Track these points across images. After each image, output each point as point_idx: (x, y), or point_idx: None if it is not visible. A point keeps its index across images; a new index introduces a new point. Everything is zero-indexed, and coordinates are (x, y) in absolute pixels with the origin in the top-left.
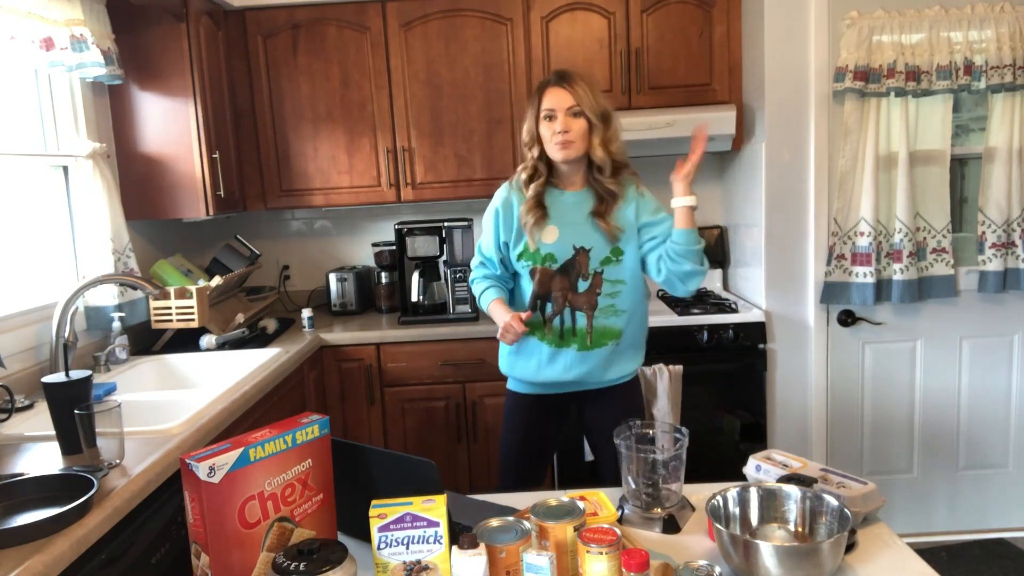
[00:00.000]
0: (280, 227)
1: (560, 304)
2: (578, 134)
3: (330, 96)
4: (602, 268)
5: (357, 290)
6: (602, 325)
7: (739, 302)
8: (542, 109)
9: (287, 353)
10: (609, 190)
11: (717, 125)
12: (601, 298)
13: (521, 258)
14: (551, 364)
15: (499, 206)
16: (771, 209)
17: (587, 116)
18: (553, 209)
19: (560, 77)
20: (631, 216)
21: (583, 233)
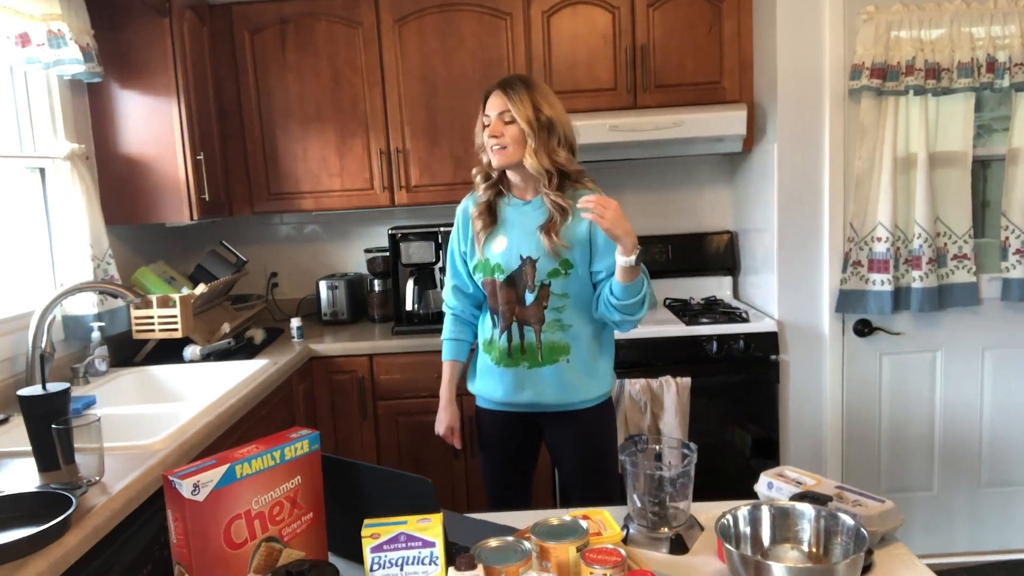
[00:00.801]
0: (268, 232)
1: (507, 319)
2: (511, 140)
3: (320, 94)
4: (549, 280)
5: (349, 298)
6: (551, 340)
7: (750, 311)
8: (483, 114)
9: (275, 365)
10: (557, 204)
11: (727, 125)
12: (547, 311)
13: (476, 270)
14: (503, 384)
15: (459, 215)
16: (784, 213)
17: (519, 123)
18: (503, 217)
19: (501, 84)
20: (583, 231)
21: (531, 242)
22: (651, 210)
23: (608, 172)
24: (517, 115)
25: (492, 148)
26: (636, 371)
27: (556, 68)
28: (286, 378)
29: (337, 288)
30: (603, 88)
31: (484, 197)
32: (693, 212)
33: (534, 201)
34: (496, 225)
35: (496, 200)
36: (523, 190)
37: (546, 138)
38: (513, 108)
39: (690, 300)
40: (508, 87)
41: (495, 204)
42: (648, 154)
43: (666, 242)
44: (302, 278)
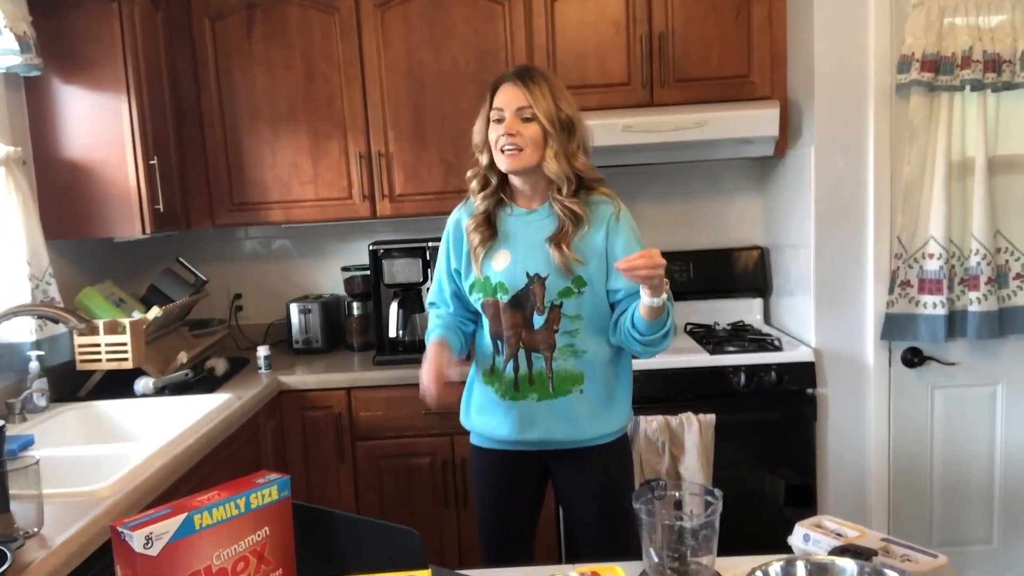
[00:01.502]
0: (231, 248)
1: (513, 345)
2: (529, 141)
3: (292, 90)
4: (560, 300)
5: (323, 324)
6: (563, 368)
7: (783, 338)
8: (492, 109)
9: (239, 400)
10: (571, 211)
11: (757, 125)
12: (559, 336)
13: (473, 290)
14: (508, 420)
15: (450, 227)
16: (822, 226)
17: (541, 121)
18: (505, 229)
19: (517, 73)
20: (599, 242)
21: (538, 258)
22: (670, 222)
23: (620, 179)
24: (539, 111)
25: (504, 149)
26: (652, 407)
27: (561, 60)
28: (252, 415)
29: (310, 312)
30: (615, 83)
31: (482, 206)
32: (718, 225)
33: (540, 210)
34: (496, 239)
35: (495, 210)
36: (529, 197)
37: (565, 139)
38: (535, 103)
39: (714, 325)
40: (527, 78)
41: (494, 214)
42: (667, 158)
43: (687, 259)
44: (270, 300)
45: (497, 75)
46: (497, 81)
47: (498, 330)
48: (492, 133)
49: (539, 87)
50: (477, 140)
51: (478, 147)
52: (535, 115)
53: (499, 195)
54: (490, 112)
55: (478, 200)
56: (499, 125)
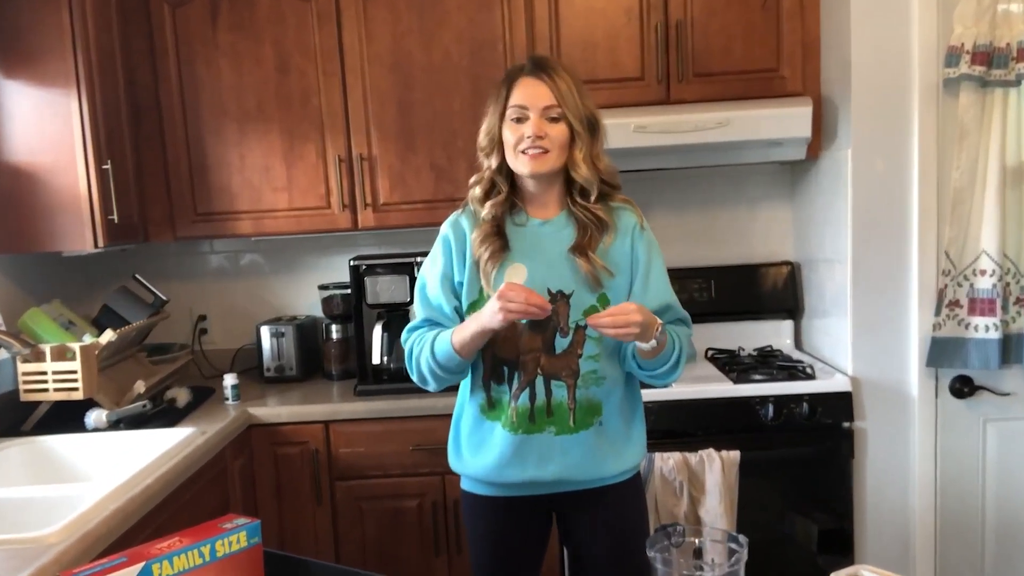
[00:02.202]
0: (194, 264)
1: (530, 372)
2: (556, 142)
3: (262, 86)
4: (585, 320)
5: (298, 349)
6: (585, 398)
7: (816, 365)
8: (510, 106)
9: (204, 434)
10: (596, 217)
11: (787, 125)
12: (583, 361)
13: (475, 310)
14: (519, 458)
15: (449, 235)
16: (859, 239)
17: (570, 121)
18: (517, 241)
19: (538, 65)
20: (624, 254)
21: (561, 273)
22: (688, 235)
23: (633, 186)
24: (568, 110)
25: (528, 151)
26: (669, 442)
27: (566, 52)
28: (218, 451)
29: (283, 336)
30: (627, 78)
31: (491, 213)
32: (742, 238)
33: (557, 219)
34: (509, 251)
35: (504, 218)
36: (544, 205)
37: (591, 140)
38: (563, 101)
39: (739, 351)
40: (551, 71)
41: (503, 224)
42: (685, 163)
43: (708, 276)
44: (238, 323)
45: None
46: (512, 74)
47: (509, 355)
48: (510, 134)
49: (564, 82)
50: (485, 141)
51: (485, 149)
52: (563, 114)
53: (511, 201)
54: (505, 110)
55: (485, 208)
56: (520, 125)
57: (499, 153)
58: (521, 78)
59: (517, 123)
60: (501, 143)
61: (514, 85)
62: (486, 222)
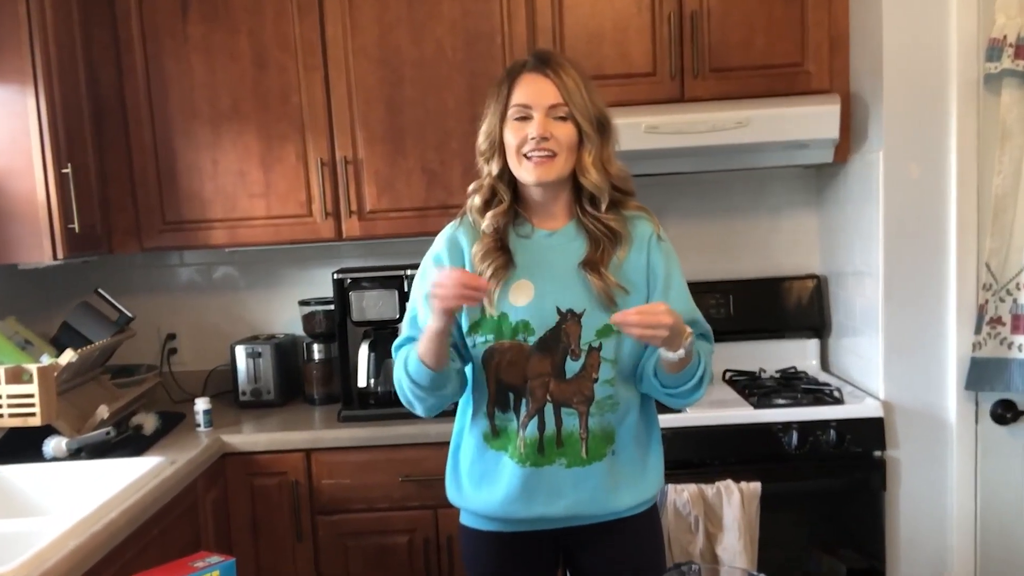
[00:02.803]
0: (163, 277)
1: (539, 399)
2: (563, 144)
3: (237, 82)
4: (599, 342)
5: (277, 371)
6: (599, 426)
7: (844, 388)
8: (511, 105)
9: (173, 464)
10: (608, 228)
11: (813, 125)
12: (598, 386)
13: (476, 331)
14: (526, 494)
15: (442, 250)
16: (892, 250)
17: (577, 121)
18: (522, 255)
19: (542, 60)
20: (639, 268)
21: (572, 288)
22: (705, 246)
23: (643, 192)
24: (576, 109)
25: (534, 156)
26: (683, 473)
27: (571, 45)
28: (189, 483)
29: (260, 356)
30: (637, 73)
31: (492, 225)
32: (764, 249)
33: (565, 230)
34: (513, 267)
35: (506, 231)
36: (550, 215)
37: (603, 144)
38: (570, 99)
39: (760, 373)
40: (556, 66)
41: (506, 236)
42: (701, 167)
43: (726, 291)
44: (211, 342)
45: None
46: (514, 71)
47: (515, 380)
48: (512, 136)
49: (571, 78)
50: (484, 145)
51: (485, 153)
52: (571, 114)
53: (514, 211)
54: (507, 109)
55: (486, 219)
56: (523, 125)
57: (500, 158)
58: (523, 74)
59: (520, 123)
60: (502, 146)
61: (516, 82)
62: (487, 236)
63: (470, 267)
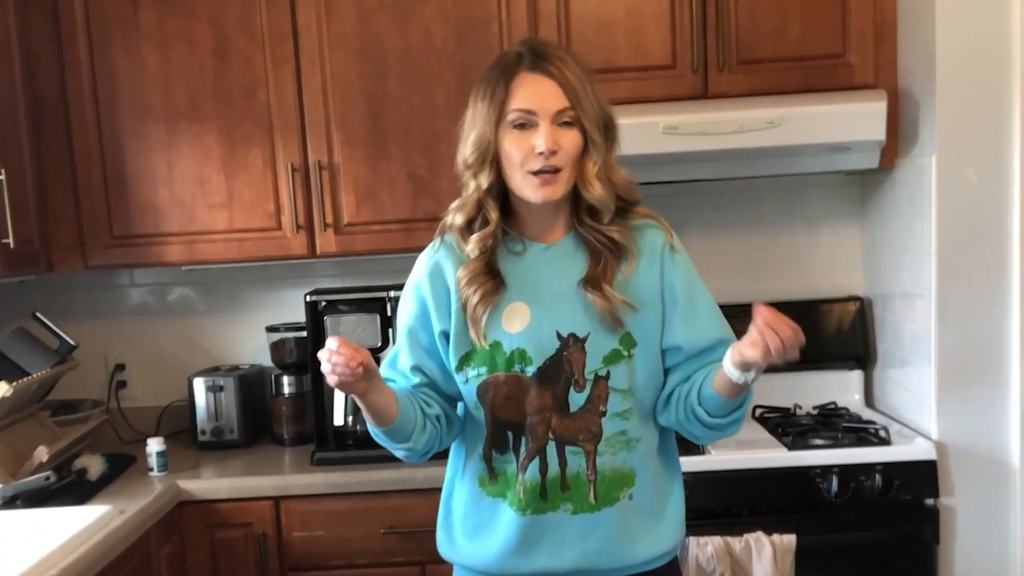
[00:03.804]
0: (111, 300)
1: (539, 437)
2: (569, 156)
3: (196, 76)
4: (607, 369)
5: (241, 407)
6: (611, 467)
7: (891, 427)
8: (509, 109)
9: (122, 514)
10: (610, 240)
11: (855, 126)
12: (607, 420)
13: (466, 365)
14: (527, 545)
15: (422, 279)
16: (946, 268)
17: (585, 127)
18: (515, 274)
19: (539, 55)
20: (652, 283)
21: (571, 309)
22: (731, 264)
23: (660, 202)
24: (585, 114)
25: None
26: (707, 524)
27: (577, 33)
28: (141, 535)
29: (222, 390)
30: (654, 66)
31: (478, 248)
32: (799, 267)
33: (563, 243)
34: (505, 289)
35: (495, 251)
36: (546, 227)
37: (608, 149)
38: (578, 102)
39: (795, 409)
40: (558, 61)
41: (494, 256)
42: (727, 173)
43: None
44: (165, 374)
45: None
46: (508, 67)
47: (513, 417)
48: (513, 147)
49: (573, 74)
50: (473, 156)
51: (473, 166)
52: (577, 119)
53: (501, 228)
54: (503, 114)
55: (470, 243)
56: (527, 135)
57: (493, 170)
58: (521, 73)
59: (522, 132)
60: (497, 157)
61: (514, 83)
62: (475, 258)
63: (455, 295)
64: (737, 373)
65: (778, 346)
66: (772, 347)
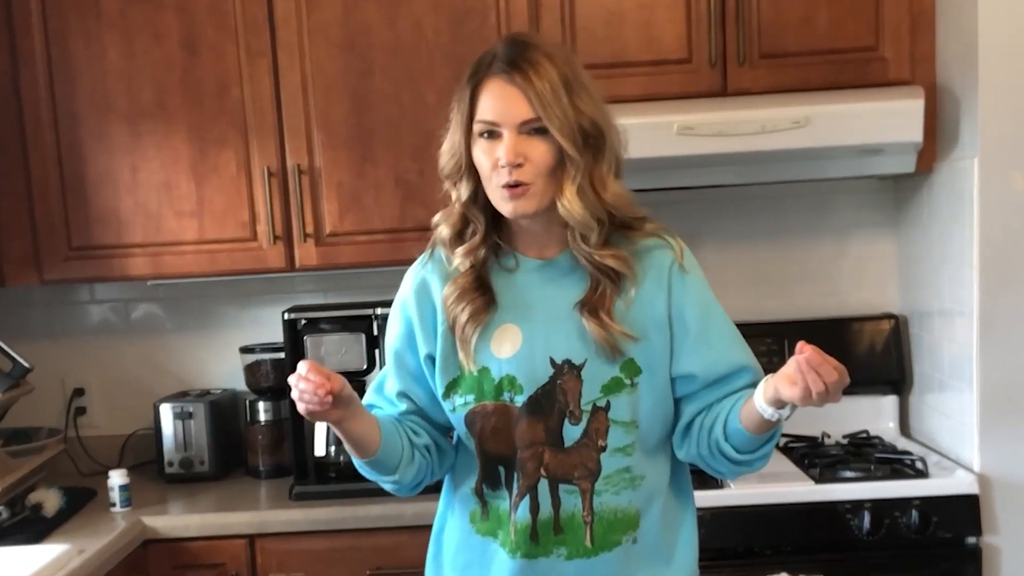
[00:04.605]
0: (69, 318)
1: (530, 474)
2: (539, 169)
3: (163, 71)
4: (606, 400)
5: (213, 436)
6: (611, 507)
7: (929, 458)
8: (476, 119)
9: (82, 553)
10: (606, 268)
11: (889, 126)
12: (608, 456)
13: (453, 392)
14: None
15: (408, 297)
16: (990, 282)
17: (555, 138)
18: (507, 293)
19: (509, 59)
20: (658, 307)
21: (567, 334)
22: (752, 278)
23: (674, 211)
24: (552, 122)
25: (504, 189)
26: (725, 566)
27: (583, 24)
28: None
29: (192, 417)
30: (668, 59)
31: (467, 262)
32: (827, 282)
33: (560, 259)
34: (495, 309)
35: (486, 265)
36: (540, 242)
37: (590, 160)
38: (544, 110)
39: (823, 438)
40: (528, 66)
41: (485, 272)
42: (748, 178)
43: (780, 335)
44: (129, 399)
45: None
46: (479, 70)
47: (503, 451)
48: (482, 157)
49: (545, 77)
50: (449, 165)
51: (451, 175)
52: (545, 127)
53: (492, 240)
54: (471, 122)
55: (457, 256)
56: (493, 145)
57: (471, 180)
58: (488, 79)
59: (489, 142)
60: (472, 167)
61: (480, 89)
62: (462, 275)
63: (441, 315)
64: (771, 410)
65: (821, 390)
66: (814, 391)
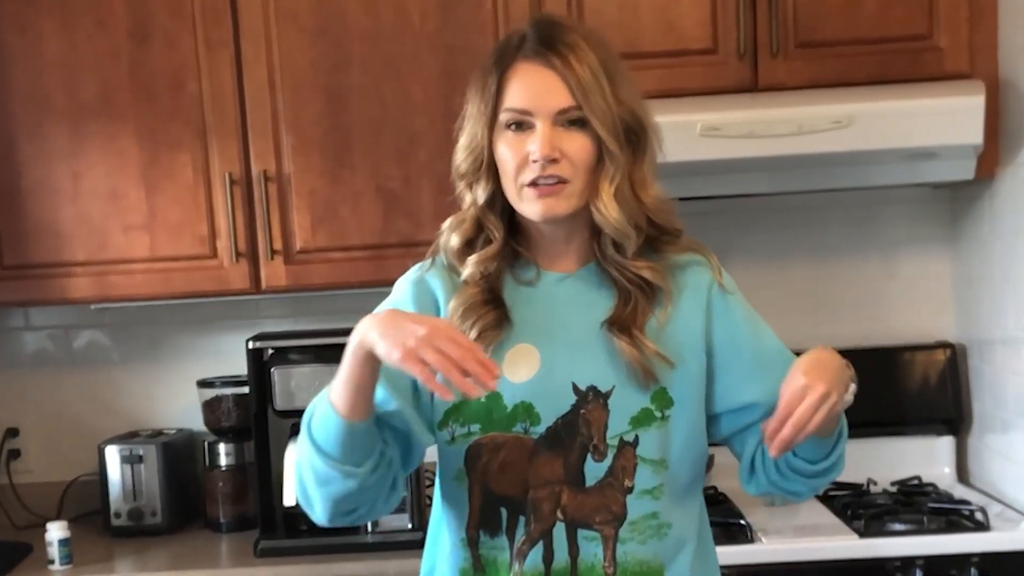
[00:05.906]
0: (0, 346)
1: (545, 517)
2: (578, 164)
3: (109, 63)
4: (634, 433)
5: (166, 482)
6: (636, 559)
7: (990, 508)
8: (504, 108)
9: None
10: (641, 280)
11: (945, 126)
12: (634, 499)
13: (453, 420)
14: None
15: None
16: None
17: (595, 129)
18: (523, 308)
19: (544, 39)
20: (695, 331)
21: (592, 358)
22: (787, 300)
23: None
24: (595, 114)
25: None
26: None
27: (593, 9)
28: None
29: (142, 461)
30: (690, 50)
31: (480, 271)
32: (873, 305)
33: (583, 273)
34: (510, 326)
35: (501, 276)
36: (558, 253)
37: (631, 158)
38: (585, 99)
39: (868, 485)
40: (567, 48)
41: (499, 284)
42: (782, 186)
43: None
44: (70, 441)
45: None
46: (506, 53)
47: (511, 490)
48: (507, 152)
49: (585, 62)
50: (466, 163)
51: (467, 175)
52: (585, 117)
53: (512, 249)
54: (497, 113)
55: (468, 265)
56: (522, 138)
57: (490, 180)
58: (519, 62)
59: (517, 135)
60: (493, 165)
61: (509, 73)
62: (472, 285)
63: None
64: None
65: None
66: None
